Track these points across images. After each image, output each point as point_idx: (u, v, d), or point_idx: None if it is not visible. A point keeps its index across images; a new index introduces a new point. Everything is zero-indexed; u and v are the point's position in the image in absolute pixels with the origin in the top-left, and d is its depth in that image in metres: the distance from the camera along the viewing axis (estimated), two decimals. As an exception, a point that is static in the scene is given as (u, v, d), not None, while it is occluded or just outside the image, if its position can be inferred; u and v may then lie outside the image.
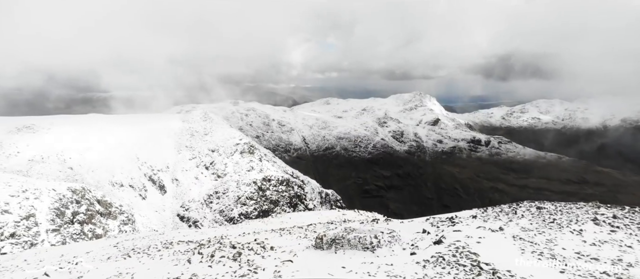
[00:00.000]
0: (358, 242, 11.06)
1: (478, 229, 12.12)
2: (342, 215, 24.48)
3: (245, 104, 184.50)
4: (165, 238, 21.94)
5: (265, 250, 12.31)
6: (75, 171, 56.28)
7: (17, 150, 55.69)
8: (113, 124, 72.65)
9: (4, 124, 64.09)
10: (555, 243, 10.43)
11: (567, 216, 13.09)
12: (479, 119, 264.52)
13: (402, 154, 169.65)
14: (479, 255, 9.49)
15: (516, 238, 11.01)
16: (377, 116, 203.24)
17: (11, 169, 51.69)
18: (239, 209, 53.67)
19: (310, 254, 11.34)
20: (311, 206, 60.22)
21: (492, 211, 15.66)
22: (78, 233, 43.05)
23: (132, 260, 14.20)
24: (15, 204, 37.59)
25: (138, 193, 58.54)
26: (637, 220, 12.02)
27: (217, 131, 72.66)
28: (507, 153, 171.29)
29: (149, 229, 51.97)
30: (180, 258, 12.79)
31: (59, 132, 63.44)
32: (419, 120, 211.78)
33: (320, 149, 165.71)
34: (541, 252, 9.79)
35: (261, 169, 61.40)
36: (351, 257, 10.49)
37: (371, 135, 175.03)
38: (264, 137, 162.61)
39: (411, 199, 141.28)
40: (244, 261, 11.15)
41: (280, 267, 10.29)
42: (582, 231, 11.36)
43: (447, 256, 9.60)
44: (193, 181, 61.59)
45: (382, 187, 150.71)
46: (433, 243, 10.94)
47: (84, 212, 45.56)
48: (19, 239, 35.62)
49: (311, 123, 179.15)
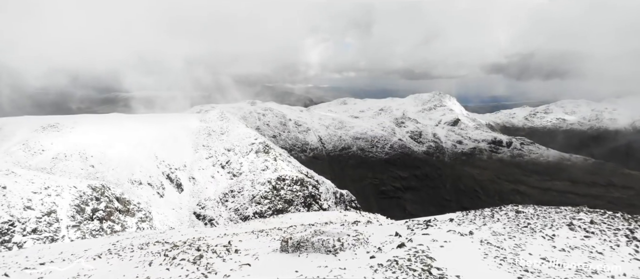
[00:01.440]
0: (321, 245, 11.07)
1: (448, 233, 12.17)
2: (343, 216, 24.07)
3: (263, 104, 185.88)
4: (163, 236, 22.04)
5: (229, 253, 12.41)
6: (96, 168, 57.68)
7: (41, 148, 57.53)
8: (133, 123, 74.32)
9: (30, 123, 66.60)
10: (522, 248, 10.38)
11: (543, 220, 13.00)
12: (500, 120, 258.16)
13: (420, 155, 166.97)
14: (434, 260, 9.46)
15: (484, 242, 10.98)
16: (394, 116, 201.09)
17: (36, 166, 53.36)
18: (253, 208, 53.76)
19: (272, 258, 11.38)
20: (325, 206, 59.73)
21: (473, 214, 15.67)
22: (97, 230, 43.99)
23: (101, 261, 14.25)
24: (38, 201, 38.70)
25: (156, 191, 59.50)
26: (615, 226, 11.88)
27: (233, 130, 73.23)
28: (530, 155, 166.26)
29: (166, 227, 52.81)
30: (145, 260, 12.89)
31: (82, 131, 65.35)
32: (438, 120, 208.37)
33: (337, 149, 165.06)
34: (504, 257, 9.73)
35: (276, 168, 61.40)
36: (312, 260, 10.46)
37: (388, 135, 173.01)
38: (281, 137, 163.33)
39: (429, 201, 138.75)
40: (203, 264, 11.24)
41: (236, 271, 10.36)
42: (554, 236, 11.30)
43: (402, 260, 9.54)
44: (209, 179, 62.21)
45: (399, 188, 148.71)
46: (396, 247, 10.96)
47: (103, 209, 46.63)
48: (41, 235, 36.63)
49: (327, 123, 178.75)
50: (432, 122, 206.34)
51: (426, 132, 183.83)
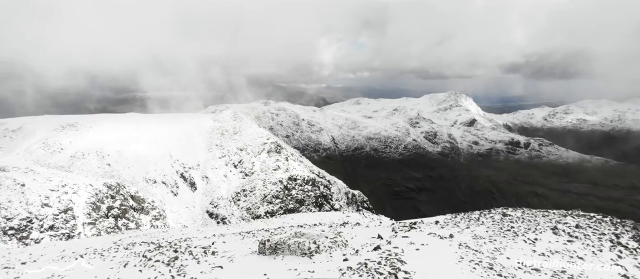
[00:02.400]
0: (297, 248, 11.05)
1: (429, 236, 12.16)
2: (346, 217, 23.65)
3: (276, 104, 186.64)
4: (164, 236, 22.12)
5: (206, 255, 12.42)
6: (112, 167, 58.74)
7: (60, 147, 58.96)
8: (149, 123, 75.56)
9: (50, 122, 68.42)
10: (501, 252, 10.33)
11: (528, 224, 12.93)
12: (518, 120, 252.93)
13: (435, 156, 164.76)
14: (405, 263, 9.40)
15: (462, 245, 10.93)
16: (409, 116, 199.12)
17: (55, 164, 54.68)
18: (265, 208, 53.81)
19: (247, 260, 11.37)
20: (337, 206, 59.33)
21: (461, 217, 15.56)
22: (112, 227, 44.71)
23: (82, 261, 14.25)
24: (55, 198, 39.53)
25: (170, 190, 60.21)
26: (601, 231, 11.75)
27: (246, 130, 73.58)
28: (549, 156, 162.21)
29: (179, 225, 53.39)
30: (122, 261, 12.95)
31: (99, 130, 66.74)
32: (453, 120, 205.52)
33: (350, 149, 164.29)
34: (480, 261, 9.66)
35: (287, 168, 61.35)
36: (287, 263, 10.43)
37: (402, 136, 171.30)
38: (294, 136, 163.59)
39: (443, 202, 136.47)
40: (177, 266, 11.25)
41: (206, 273, 10.38)
42: (536, 240, 11.25)
43: (372, 264, 9.48)
44: (222, 178, 62.63)
45: (413, 189, 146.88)
46: (372, 250, 10.93)
47: (118, 207, 47.37)
48: (57, 232, 37.40)
49: (340, 123, 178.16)
50: (448, 122, 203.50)
51: (441, 132, 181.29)
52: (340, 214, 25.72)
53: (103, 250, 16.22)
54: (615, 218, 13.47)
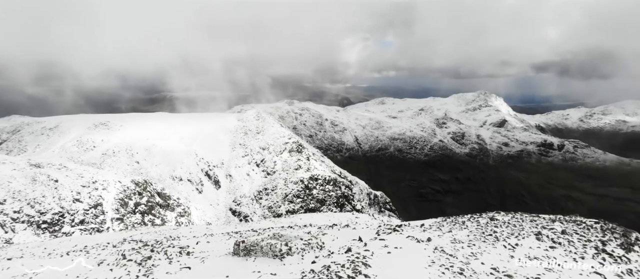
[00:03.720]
0: (269, 249, 11.07)
1: (407, 239, 12.16)
2: (355, 218, 23.14)
3: (300, 104, 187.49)
4: (171, 233, 22.35)
5: (181, 255, 12.49)
6: (141, 164, 60.69)
7: (93, 145, 61.59)
8: (176, 122, 77.78)
9: (84, 121, 71.78)
10: (476, 257, 10.21)
11: (512, 229, 12.84)
12: (552, 121, 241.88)
13: (463, 157, 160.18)
14: (369, 267, 9.34)
15: (438, 249, 10.84)
16: (435, 116, 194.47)
17: (87, 161, 57.15)
18: (286, 207, 53.93)
19: (219, 261, 11.40)
20: (359, 207, 58.62)
21: (449, 220, 15.53)
22: (139, 222, 46.15)
23: (64, 259, 14.48)
24: (86, 194, 41.25)
25: (195, 187, 61.52)
26: (587, 237, 11.58)
27: (269, 129, 74.22)
28: (584, 159, 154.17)
29: (203, 222, 54.46)
30: (100, 259, 13.11)
31: (130, 128, 69.34)
32: (483, 121, 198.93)
33: (373, 150, 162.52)
34: (451, 266, 9.57)
35: (309, 168, 61.27)
36: (257, 265, 10.49)
37: (428, 136, 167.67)
38: (317, 136, 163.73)
39: (471, 205, 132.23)
40: (148, 266, 11.33)
41: (172, 274, 10.46)
42: (517, 245, 11.11)
43: (336, 267, 9.47)
44: (245, 177, 63.39)
45: (439, 191, 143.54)
46: (344, 252, 10.96)
47: (145, 203, 48.88)
48: (87, 226, 38.97)
49: (364, 123, 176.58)
50: (476, 123, 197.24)
51: (469, 133, 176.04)
52: (349, 215, 25.28)
53: (92, 247, 16.61)
54: (611, 224, 13.01)
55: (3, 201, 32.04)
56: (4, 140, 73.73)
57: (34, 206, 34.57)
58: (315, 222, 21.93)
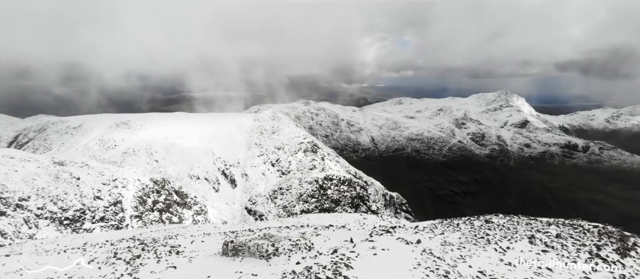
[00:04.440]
0: (256, 250, 11.08)
1: (397, 241, 12.15)
2: (363, 219, 22.80)
3: (316, 104, 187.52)
4: (183, 231, 22.52)
5: (171, 255, 12.58)
6: (160, 163, 61.84)
7: (114, 143, 63.23)
8: (194, 122, 79.05)
9: (106, 120, 73.87)
10: (465, 260, 10.12)
11: (505, 232, 12.66)
12: (576, 122, 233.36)
13: (482, 158, 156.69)
14: (351, 269, 9.37)
15: (426, 252, 10.81)
16: (454, 116, 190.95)
17: (109, 160, 58.71)
18: (300, 206, 53.91)
19: (206, 261, 11.47)
20: (374, 207, 58.00)
21: (444, 223, 15.61)
22: (157, 220, 47.08)
23: (61, 256, 14.69)
24: (106, 192, 42.38)
25: (212, 186, 62.30)
26: (582, 241, 11.35)
27: (284, 129, 74.50)
28: (611, 161, 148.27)
29: (220, 221, 55.08)
30: (93, 257, 13.28)
31: (149, 128, 70.90)
32: (503, 121, 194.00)
33: (390, 150, 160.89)
34: (437, 268, 9.51)
35: (323, 168, 61.08)
36: (242, 265, 10.49)
37: (447, 137, 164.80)
38: (333, 136, 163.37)
39: (491, 208, 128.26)
40: (136, 265, 11.42)
41: (157, 273, 10.54)
42: (508, 248, 10.99)
43: (318, 268, 9.48)
44: (260, 176, 63.79)
45: (457, 193, 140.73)
46: (330, 253, 10.98)
47: (163, 201, 49.84)
48: (107, 223, 40.01)
49: (381, 123, 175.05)
50: (497, 123, 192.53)
51: (490, 134, 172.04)
52: (358, 216, 24.95)
53: (92, 245, 16.89)
54: (611, 228, 12.61)
55: (27, 198, 33.22)
56: (30, 138, 76.76)
57: (57, 202, 35.72)
58: (322, 222, 21.78)
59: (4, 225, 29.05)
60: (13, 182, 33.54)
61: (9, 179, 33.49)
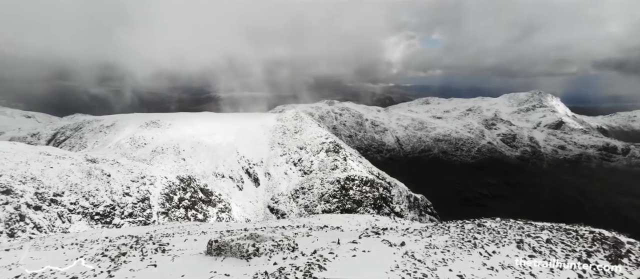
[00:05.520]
0: (237, 250, 11.10)
1: (381, 243, 12.16)
2: (375, 220, 22.30)
3: (340, 104, 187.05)
4: (189, 229, 22.79)
5: (157, 253, 12.70)
6: (186, 161, 63.59)
7: (144, 142, 65.57)
8: (220, 121, 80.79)
9: (137, 119, 76.82)
10: (446, 264, 10.06)
11: (494, 236, 12.52)
12: (616, 123, 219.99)
13: (513, 160, 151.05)
14: (324, 270, 9.36)
15: (408, 254, 10.75)
16: (484, 117, 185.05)
17: (138, 158, 60.94)
18: (322, 206, 53.78)
19: (189, 260, 11.54)
20: (397, 209, 56.99)
21: (438, 226, 15.52)
22: (183, 217, 48.32)
23: (58, 252, 14.96)
24: (135, 189, 43.89)
25: (236, 184, 63.37)
26: (572, 247, 11.14)
27: (306, 129, 74.67)
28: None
29: (243, 218, 55.88)
30: (82, 254, 13.57)
31: (177, 127, 73.13)
32: (536, 122, 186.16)
33: (416, 151, 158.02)
34: (414, 271, 9.46)
35: (345, 168, 60.68)
36: (222, 265, 10.54)
37: (476, 138, 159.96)
38: (357, 136, 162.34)
39: (521, 211, 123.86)
40: (120, 261, 11.60)
41: (136, 271, 10.63)
42: (494, 253, 10.84)
43: (290, 268, 9.56)
44: (283, 175, 64.22)
45: (486, 195, 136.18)
46: (310, 254, 11.00)
47: (188, 198, 51.08)
48: (135, 219, 41.42)
49: (406, 123, 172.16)
50: (529, 124, 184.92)
51: (521, 135, 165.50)
52: (368, 217, 24.51)
53: (92, 241, 17.34)
54: (607, 233, 12.30)
55: (61, 193, 34.93)
56: (67, 136, 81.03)
57: (89, 198, 37.35)
58: (331, 223, 21.64)
59: (40, 219, 30.69)
60: (48, 178, 35.39)
61: (44, 175, 35.38)
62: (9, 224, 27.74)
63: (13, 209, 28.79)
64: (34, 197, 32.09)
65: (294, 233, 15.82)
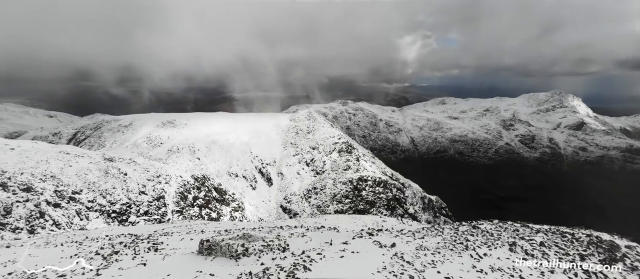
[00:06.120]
0: (227, 250, 11.17)
1: (372, 244, 12.16)
2: (382, 222, 22.09)
3: (353, 104, 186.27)
4: (201, 227, 22.85)
5: (149, 252, 12.74)
6: (201, 161, 64.39)
7: (160, 141, 66.78)
8: (234, 121, 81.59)
9: (154, 119, 78.31)
10: (435, 266, 10.01)
11: (487, 238, 12.44)
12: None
13: (532, 162, 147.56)
14: (308, 271, 9.36)
15: (397, 256, 10.72)
16: (502, 117, 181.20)
17: (155, 157, 62.08)
18: (334, 207, 53.60)
19: (180, 259, 11.58)
20: (411, 210, 56.26)
21: (433, 227, 15.35)
22: (197, 215, 48.96)
23: (57, 250, 15.04)
24: (150, 187, 44.73)
25: (249, 184, 63.85)
26: (566, 251, 11.03)
27: (319, 129, 74.63)
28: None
29: (256, 218, 56.29)
30: (80, 251, 13.70)
31: (193, 126, 74.24)
32: (556, 123, 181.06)
33: (431, 152, 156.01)
34: (402, 273, 9.43)
35: (358, 168, 60.32)
36: (211, 264, 10.59)
37: (493, 139, 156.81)
38: (371, 137, 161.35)
39: (540, 214, 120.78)
40: (112, 260, 11.69)
41: (125, 269, 10.71)
42: (485, 255, 10.77)
43: (275, 269, 9.57)
44: (295, 175, 64.36)
45: (503, 198, 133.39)
46: (299, 254, 11.03)
47: (203, 197, 51.76)
48: (151, 217, 42.20)
49: (421, 124, 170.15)
50: (549, 125, 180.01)
51: (541, 136, 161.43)
52: (376, 218, 24.35)
53: (92, 239, 17.53)
54: (604, 237, 11.98)
55: (80, 191, 35.88)
56: (87, 136, 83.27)
57: (106, 196, 38.26)
58: (337, 223, 21.59)
59: (59, 216, 31.61)
60: (67, 176, 36.41)
61: (64, 173, 36.42)
62: (29, 221, 28.64)
63: (33, 206, 29.72)
64: (53, 195, 33.06)
65: (290, 233, 15.91)
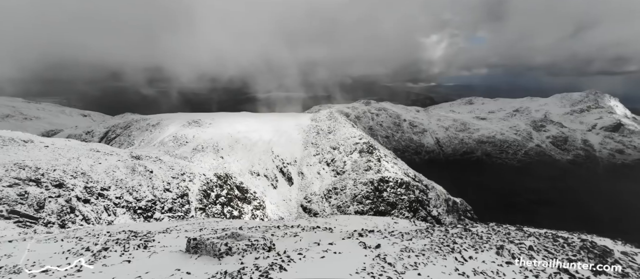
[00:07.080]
0: (211, 249, 11.22)
1: (357, 245, 12.18)
2: (394, 223, 21.66)
3: (377, 104, 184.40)
4: (218, 225, 23.05)
5: (138, 249, 12.85)
6: (224, 159, 65.70)
7: (185, 140, 68.67)
8: (257, 121, 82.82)
9: (180, 119, 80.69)
10: (416, 268, 10.01)
11: (476, 241, 12.36)
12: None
13: (564, 164, 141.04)
14: (284, 271, 9.41)
15: (380, 257, 10.72)
16: (532, 118, 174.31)
17: (180, 155, 63.86)
18: (354, 207, 53.26)
19: (164, 257, 11.60)
20: (435, 212, 55.05)
21: (427, 229, 15.46)
22: (219, 213, 49.98)
23: (56, 245, 15.22)
24: (175, 185, 46.06)
25: (270, 183, 64.56)
26: (555, 255, 10.91)
27: (340, 129, 74.40)
28: None
29: (277, 216, 56.86)
30: (73, 248, 13.74)
31: (217, 126, 75.88)
32: (591, 124, 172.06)
33: (457, 153, 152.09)
34: (380, 274, 9.40)
35: (379, 169, 59.63)
36: (194, 263, 10.69)
37: (523, 140, 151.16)
38: (394, 137, 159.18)
39: (573, 219, 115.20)
40: (100, 256, 11.83)
41: (109, 266, 10.79)
42: (471, 258, 10.73)
43: (250, 268, 9.62)
44: (315, 175, 64.47)
45: (533, 201, 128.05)
46: (280, 254, 11.10)
47: (225, 195, 52.78)
48: (175, 214, 43.45)
49: (447, 124, 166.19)
50: (583, 126, 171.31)
51: (574, 138, 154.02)
52: (388, 220, 24.16)
53: (93, 235, 17.85)
54: (598, 242, 11.83)
55: (108, 188, 37.44)
56: (118, 134, 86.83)
57: (132, 193, 39.71)
58: (347, 224, 21.26)
59: (88, 211, 33.12)
60: (97, 173, 38.08)
61: (93, 170, 38.12)
62: (61, 216, 30.15)
63: (64, 202, 31.25)
64: (83, 191, 34.64)
65: (284, 233, 15.89)
